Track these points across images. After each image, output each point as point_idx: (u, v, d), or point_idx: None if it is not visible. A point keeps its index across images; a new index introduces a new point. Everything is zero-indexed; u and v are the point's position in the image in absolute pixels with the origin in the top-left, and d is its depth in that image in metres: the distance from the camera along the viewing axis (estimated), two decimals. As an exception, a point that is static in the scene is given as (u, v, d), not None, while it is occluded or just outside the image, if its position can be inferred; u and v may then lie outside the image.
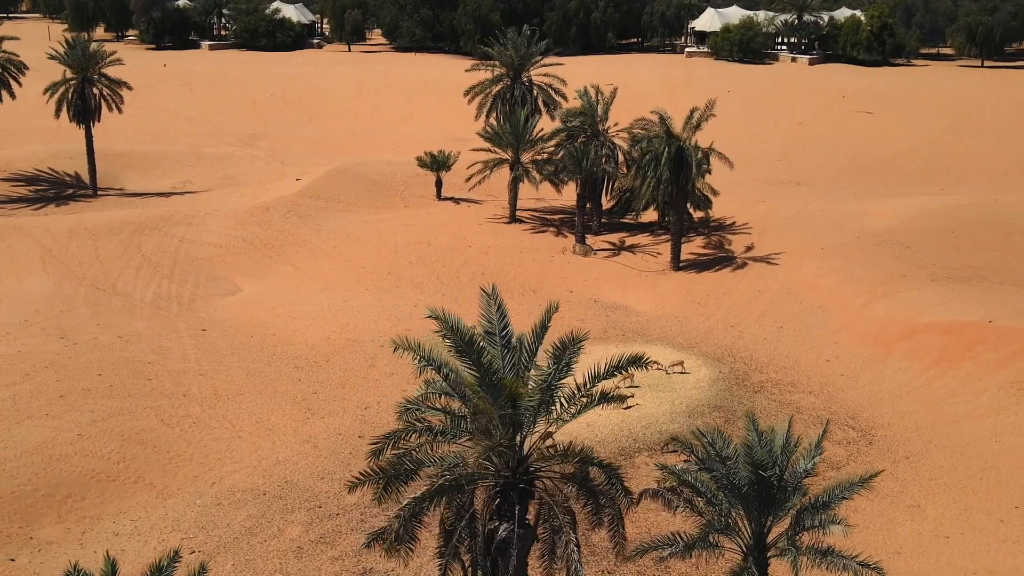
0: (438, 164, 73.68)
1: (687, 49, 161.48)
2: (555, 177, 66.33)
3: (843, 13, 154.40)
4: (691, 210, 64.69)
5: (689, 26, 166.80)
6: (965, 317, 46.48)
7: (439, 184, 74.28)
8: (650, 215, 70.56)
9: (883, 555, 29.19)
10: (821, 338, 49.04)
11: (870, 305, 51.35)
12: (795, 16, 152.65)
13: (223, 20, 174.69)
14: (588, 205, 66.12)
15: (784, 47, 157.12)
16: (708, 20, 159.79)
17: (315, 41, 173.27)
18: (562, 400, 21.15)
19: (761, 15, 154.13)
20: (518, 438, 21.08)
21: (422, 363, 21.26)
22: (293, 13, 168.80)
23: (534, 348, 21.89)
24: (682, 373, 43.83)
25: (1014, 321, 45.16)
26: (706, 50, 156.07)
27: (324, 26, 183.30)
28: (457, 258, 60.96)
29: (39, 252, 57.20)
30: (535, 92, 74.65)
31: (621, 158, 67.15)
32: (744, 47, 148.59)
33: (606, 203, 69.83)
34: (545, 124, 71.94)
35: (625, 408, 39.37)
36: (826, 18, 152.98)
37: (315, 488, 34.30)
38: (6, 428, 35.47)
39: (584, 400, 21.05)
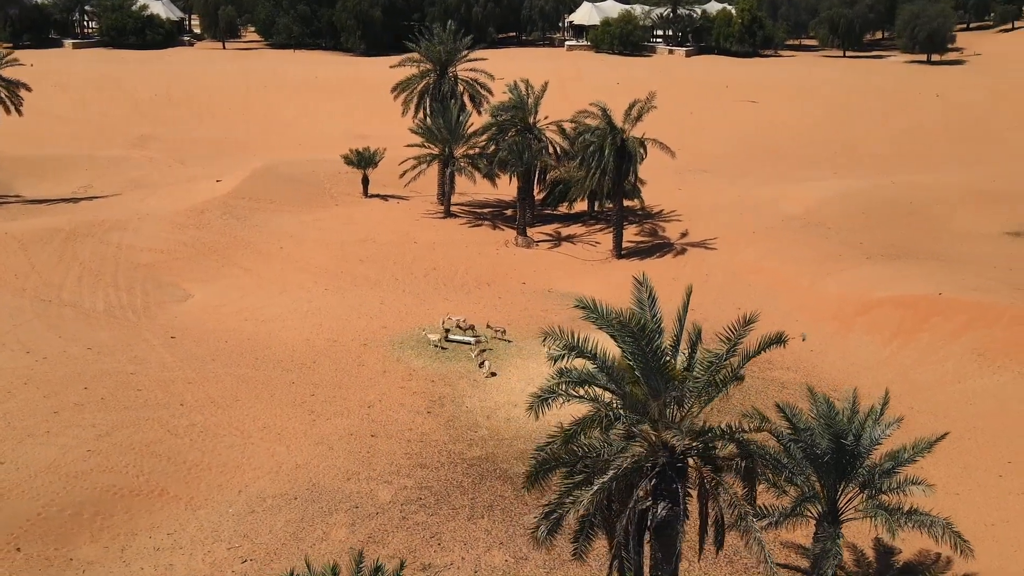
0: (365, 161, 73.10)
1: (567, 42, 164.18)
2: (492, 171, 66.90)
3: (714, 7, 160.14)
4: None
5: (567, 20, 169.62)
6: (915, 291, 49.62)
7: (366, 181, 73.71)
8: (579, 205, 72.06)
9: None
10: (780, 317, 51.12)
11: (817, 284, 54.06)
12: (670, 10, 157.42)
13: (86, 18, 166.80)
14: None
15: (660, 40, 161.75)
16: (586, 14, 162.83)
17: (187, 39, 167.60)
18: (717, 380, 21.97)
19: (637, 9, 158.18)
20: (680, 419, 21.77)
21: (571, 352, 21.61)
22: (161, 10, 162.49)
23: (679, 332, 22.62)
24: None
25: (960, 293, 48.54)
26: (586, 43, 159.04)
27: (192, 23, 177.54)
28: (406, 254, 60.79)
29: (-34, 264, 54.00)
30: (461, 87, 74.87)
31: (551, 150, 68.23)
32: (624, 40, 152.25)
33: (537, 194, 70.79)
34: (472, 119, 72.35)
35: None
36: (699, 11, 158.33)
37: (345, 489, 33.95)
38: (10, 448, 33.68)
39: (726, 380, 21.90)
